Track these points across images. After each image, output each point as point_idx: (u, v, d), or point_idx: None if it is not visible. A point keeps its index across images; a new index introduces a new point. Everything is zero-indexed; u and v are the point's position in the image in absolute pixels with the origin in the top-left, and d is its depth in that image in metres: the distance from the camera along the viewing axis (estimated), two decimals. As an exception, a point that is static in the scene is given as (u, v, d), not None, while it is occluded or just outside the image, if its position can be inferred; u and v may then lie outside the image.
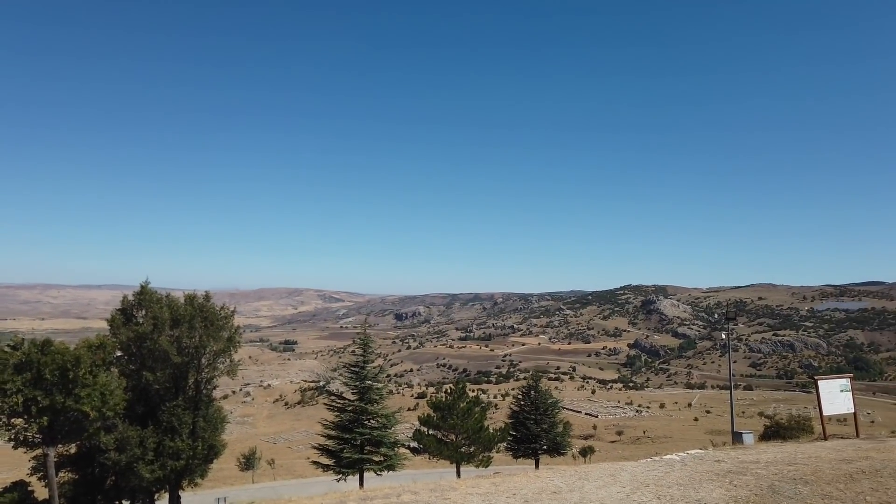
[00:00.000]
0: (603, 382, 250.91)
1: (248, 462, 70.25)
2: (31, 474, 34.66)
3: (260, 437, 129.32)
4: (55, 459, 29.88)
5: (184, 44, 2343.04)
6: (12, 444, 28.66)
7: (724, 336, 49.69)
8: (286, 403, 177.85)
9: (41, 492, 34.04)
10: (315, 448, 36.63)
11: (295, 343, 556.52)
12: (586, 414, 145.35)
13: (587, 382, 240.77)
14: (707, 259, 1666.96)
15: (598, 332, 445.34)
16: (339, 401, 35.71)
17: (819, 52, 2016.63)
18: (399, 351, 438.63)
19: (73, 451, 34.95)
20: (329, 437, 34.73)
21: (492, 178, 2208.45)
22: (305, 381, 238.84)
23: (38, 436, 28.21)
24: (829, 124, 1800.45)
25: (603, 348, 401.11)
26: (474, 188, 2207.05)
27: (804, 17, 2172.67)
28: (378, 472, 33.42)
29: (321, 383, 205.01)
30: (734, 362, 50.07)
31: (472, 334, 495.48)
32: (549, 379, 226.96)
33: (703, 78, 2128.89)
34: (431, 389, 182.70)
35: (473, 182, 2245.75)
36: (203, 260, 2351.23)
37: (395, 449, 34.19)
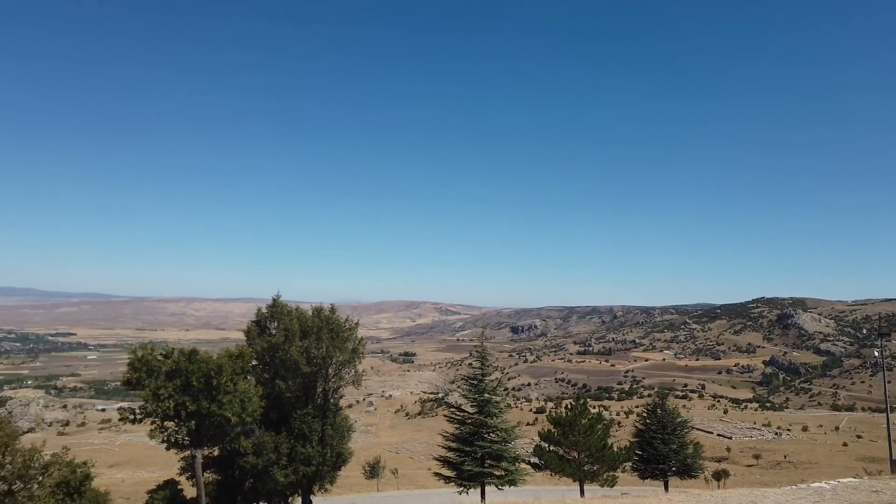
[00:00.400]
0: (736, 402, 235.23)
1: (373, 470, 72.13)
2: (181, 474, 37.57)
3: (383, 447, 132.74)
4: (201, 461, 32.24)
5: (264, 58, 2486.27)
6: (165, 444, 31.30)
7: (876, 353, 45.17)
8: (407, 414, 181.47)
9: (189, 490, 36.80)
10: (436, 459, 36.98)
11: (413, 355, 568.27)
12: (718, 435, 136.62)
13: (718, 401, 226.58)
14: (849, 269, 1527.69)
15: (729, 348, 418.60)
16: (458, 413, 35.89)
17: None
18: (516, 364, 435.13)
19: (216, 453, 37.32)
20: (450, 448, 34.95)
21: (606, 186, 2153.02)
22: (424, 392, 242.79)
23: (186, 438, 30.65)
24: None
25: (735, 365, 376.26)
26: (591, 198, 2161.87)
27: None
28: (499, 487, 33.16)
29: (440, 395, 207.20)
30: (888, 382, 45.14)
31: (590, 348, 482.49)
32: (676, 397, 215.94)
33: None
34: (550, 404, 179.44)
35: (590, 192, 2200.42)
36: (328, 274, 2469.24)
37: (516, 464, 33.79)
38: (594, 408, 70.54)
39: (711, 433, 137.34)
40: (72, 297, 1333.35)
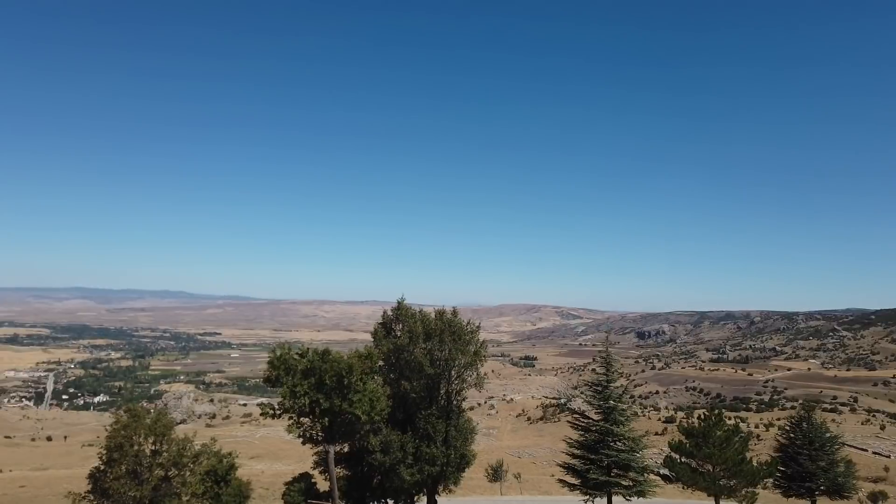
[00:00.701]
0: (895, 417, 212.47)
1: (496, 474, 72.13)
2: (314, 468, 39.54)
3: (504, 450, 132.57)
4: (333, 456, 33.80)
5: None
6: (301, 439, 33.17)
7: None
8: (528, 418, 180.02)
9: (322, 484, 38.66)
10: (560, 466, 36.36)
11: (534, 359, 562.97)
12: (874, 453, 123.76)
13: (874, 416, 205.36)
14: None
15: (886, 358, 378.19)
16: (582, 420, 35.10)
17: None
18: (643, 371, 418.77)
19: (346, 450, 38.90)
20: (574, 455, 34.24)
21: (733, 183, 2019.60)
22: (546, 397, 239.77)
23: (320, 434, 32.32)
24: None
25: (893, 376, 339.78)
26: (722, 198, 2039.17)
27: None
28: (627, 498, 32.06)
29: (562, 400, 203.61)
30: None
31: (725, 356, 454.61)
32: (825, 410, 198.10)
33: None
34: (681, 414, 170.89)
35: (720, 190, 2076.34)
36: (450, 277, 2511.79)
37: (645, 475, 32.54)
38: (730, 419, 66.21)
39: (866, 451, 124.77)
40: (218, 300, 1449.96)
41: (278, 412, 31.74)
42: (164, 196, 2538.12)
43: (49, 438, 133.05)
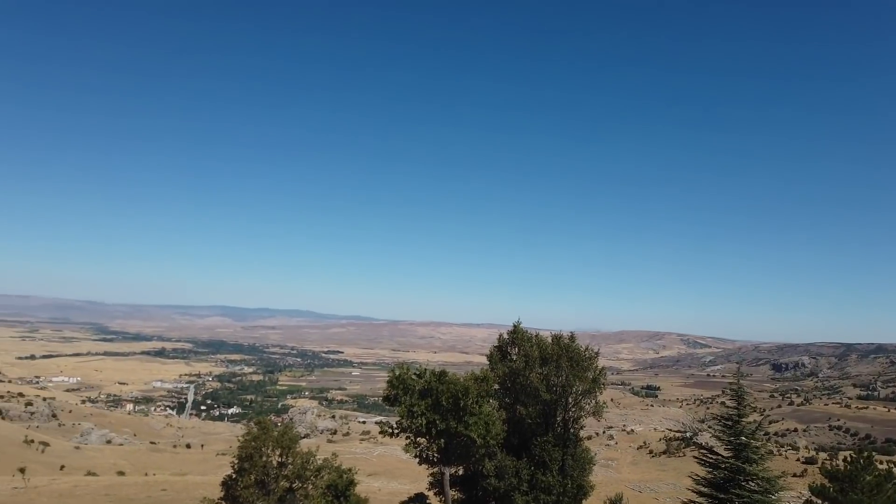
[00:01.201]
0: None
1: (614, 507, 69.23)
2: (429, 488, 39.84)
3: (624, 483, 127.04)
4: (449, 478, 33.99)
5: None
6: (417, 459, 33.67)
7: None
8: (650, 451, 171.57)
9: (436, 505, 38.93)
10: None
11: (657, 389, 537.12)
12: None
13: None
14: None
15: None
16: (710, 455, 32.97)
17: None
18: (779, 406, 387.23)
19: (461, 472, 39.02)
20: (701, 493, 32.18)
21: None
22: (670, 429, 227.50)
23: (436, 455, 32.66)
24: None
25: None
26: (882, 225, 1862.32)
27: None
28: (761, 543, 29.65)
29: (687, 434, 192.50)
30: None
31: (875, 393, 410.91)
32: None
33: None
34: (823, 455, 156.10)
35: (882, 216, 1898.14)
36: (567, 301, 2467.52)
37: (781, 519, 29.97)
38: (881, 463, 59.60)
39: None
40: (341, 320, 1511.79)
41: (396, 431, 32.45)
42: (295, 223, 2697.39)
43: (188, 446, 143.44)
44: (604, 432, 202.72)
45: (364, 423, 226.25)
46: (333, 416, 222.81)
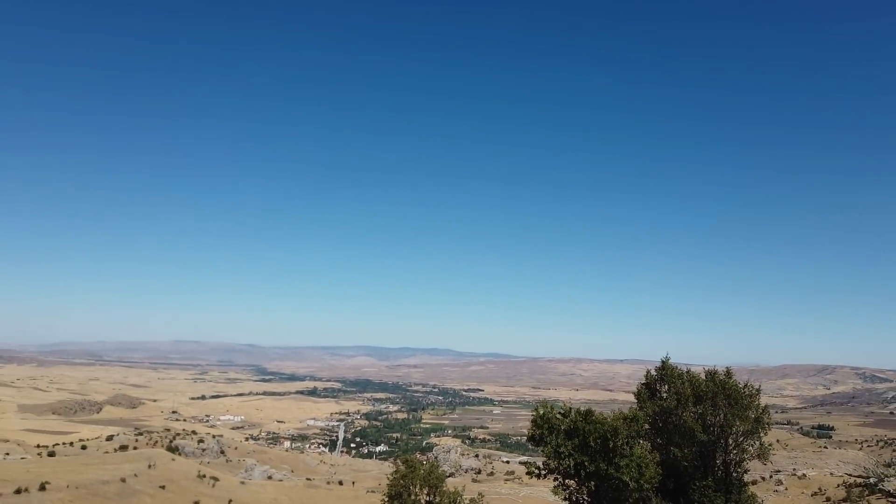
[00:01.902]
0: None
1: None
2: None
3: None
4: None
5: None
6: (566, 502, 32.59)
7: None
8: (827, 498, 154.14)
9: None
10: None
11: (830, 428, 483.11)
12: None
13: None
14: None
15: None
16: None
17: None
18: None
19: (613, 517, 37.40)
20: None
21: None
22: (849, 474, 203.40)
23: (586, 498, 31.42)
24: None
25: None
26: None
27: None
28: None
29: (871, 480, 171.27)
30: None
31: None
32: None
33: None
34: None
35: None
36: (717, 333, 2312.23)
37: None
38: None
39: None
40: (480, 357, 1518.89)
41: (543, 472, 31.68)
42: (434, 263, 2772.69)
43: (340, 483, 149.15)
44: (770, 476, 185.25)
45: (508, 462, 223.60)
46: (477, 455, 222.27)
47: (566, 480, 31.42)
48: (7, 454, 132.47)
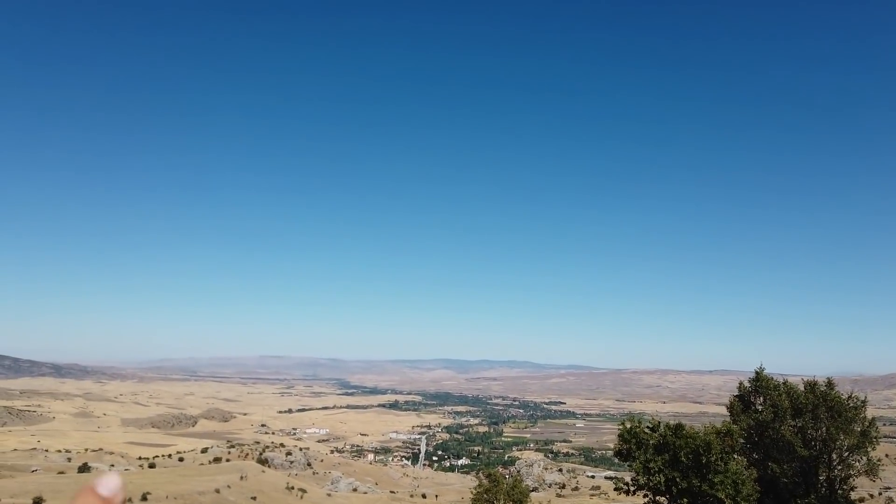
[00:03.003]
0: None
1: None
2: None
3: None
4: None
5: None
6: (658, 520, 31.50)
7: None
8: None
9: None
10: None
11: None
12: None
13: None
14: None
15: None
16: None
17: None
18: None
19: (708, 536, 35.85)
20: None
21: None
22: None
23: (679, 516, 30.29)
24: None
25: None
26: None
27: None
28: None
29: None
30: None
31: None
32: None
33: None
34: None
35: None
36: (817, 342, 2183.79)
37: None
38: None
39: None
40: (560, 369, 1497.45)
41: (632, 488, 30.77)
42: (512, 276, 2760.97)
43: (423, 496, 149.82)
44: (880, 494, 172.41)
45: (593, 477, 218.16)
46: (560, 470, 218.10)
47: (657, 497, 30.37)
48: (112, 465, 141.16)
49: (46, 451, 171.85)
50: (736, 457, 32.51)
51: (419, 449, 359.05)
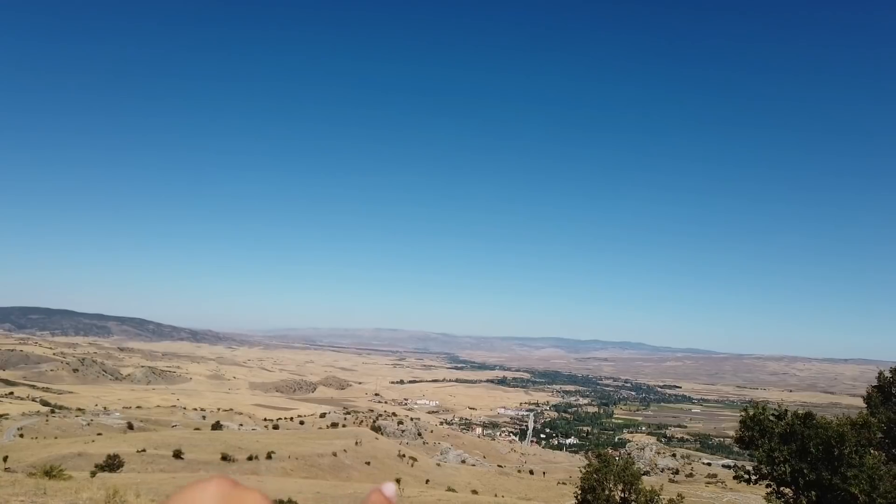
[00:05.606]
0: None
1: None
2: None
3: None
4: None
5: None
6: (781, 512, 29.53)
7: None
8: None
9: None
10: None
11: None
12: None
13: None
14: None
15: None
16: None
17: None
18: None
19: (839, 533, 33.27)
20: None
21: None
22: None
23: (806, 509, 28.21)
24: None
25: None
26: None
27: None
28: None
29: None
30: None
31: None
32: None
33: None
34: None
35: None
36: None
37: None
38: None
39: None
40: (676, 353, 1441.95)
41: (754, 477, 28.94)
42: (627, 255, 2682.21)
43: (531, 472, 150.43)
44: None
45: (709, 464, 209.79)
46: (674, 455, 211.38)
47: (781, 488, 28.40)
48: (241, 425, 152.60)
49: (185, 408, 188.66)
50: (873, 451, 29.73)
51: (527, 425, 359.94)
